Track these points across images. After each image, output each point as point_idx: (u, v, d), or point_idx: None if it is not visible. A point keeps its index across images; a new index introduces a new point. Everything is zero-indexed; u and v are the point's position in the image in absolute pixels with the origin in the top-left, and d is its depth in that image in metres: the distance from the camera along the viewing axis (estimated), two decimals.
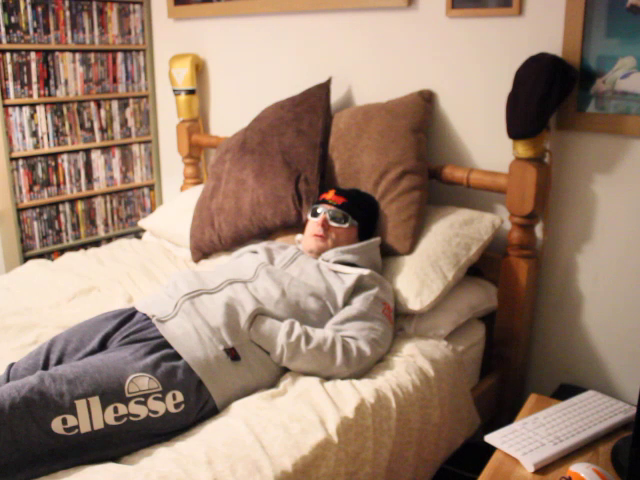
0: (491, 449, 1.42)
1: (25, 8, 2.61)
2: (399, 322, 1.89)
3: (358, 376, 1.60)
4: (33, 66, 2.68)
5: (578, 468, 1.26)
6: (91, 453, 1.26)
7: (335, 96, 2.43)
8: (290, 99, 2.36)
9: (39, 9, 2.65)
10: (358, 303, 1.73)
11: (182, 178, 3.04)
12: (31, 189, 2.77)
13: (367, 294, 1.75)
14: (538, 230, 2.04)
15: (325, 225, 1.92)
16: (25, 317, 1.90)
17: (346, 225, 1.93)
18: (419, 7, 2.17)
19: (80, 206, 2.96)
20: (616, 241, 1.94)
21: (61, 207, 2.89)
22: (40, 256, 2.80)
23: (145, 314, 1.58)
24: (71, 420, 1.24)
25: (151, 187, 3.24)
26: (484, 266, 2.09)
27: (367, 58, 2.34)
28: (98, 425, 1.26)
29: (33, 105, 2.71)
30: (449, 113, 2.19)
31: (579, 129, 1.93)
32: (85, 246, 2.97)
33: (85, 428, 1.25)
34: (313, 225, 1.95)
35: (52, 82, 2.75)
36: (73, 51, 2.80)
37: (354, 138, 2.16)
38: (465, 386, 1.81)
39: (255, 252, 1.99)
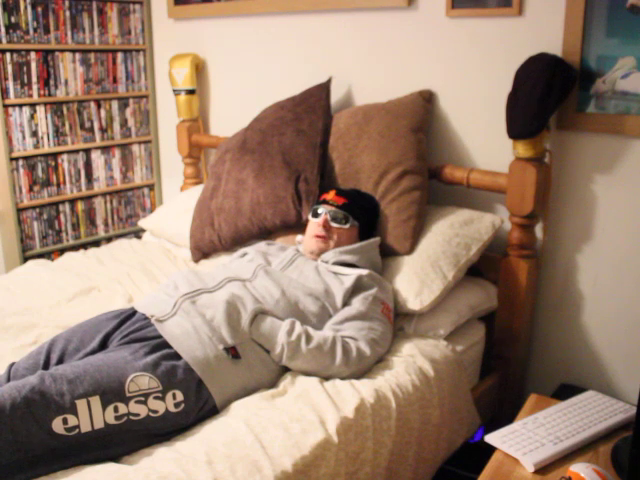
0: (491, 449, 1.42)
1: (25, 8, 2.61)
2: (399, 322, 1.89)
3: (357, 376, 1.60)
4: (33, 66, 2.68)
5: (578, 468, 1.26)
6: (91, 453, 1.26)
7: (335, 96, 2.43)
8: (290, 99, 2.36)
9: (39, 9, 2.65)
10: (357, 303, 1.73)
11: (182, 178, 3.04)
12: (31, 189, 2.77)
13: (366, 294, 1.75)
14: (538, 230, 2.04)
15: (326, 226, 1.92)
16: (25, 317, 1.90)
17: (347, 226, 1.93)
18: (419, 7, 2.17)
19: (80, 206, 2.96)
20: (616, 241, 1.94)
21: (61, 207, 2.89)
22: (40, 256, 2.80)
23: (144, 314, 1.59)
24: (72, 420, 1.24)
25: (151, 187, 3.24)
26: (484, 266, 2.09)
27: (367, 58, 2.35)
28: (98, 425, 1.26)
29: (33, 105, 2.71)
30: (449, 113, 2.19)
31: (579, 129, 1.93)
32: (85, 246, 2.97)
33: (86, 428, 1.25)
34: (314, 226, 1.95)
35: (52, 82, 2.75)
36: (73, 51, 2.80)
37: (354, 138, 2.16)
38: (465, 386, 1.81)
39: (245, 254, 1.98)
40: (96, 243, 3.04)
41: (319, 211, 1.96)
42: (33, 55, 2.67)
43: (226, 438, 1.31)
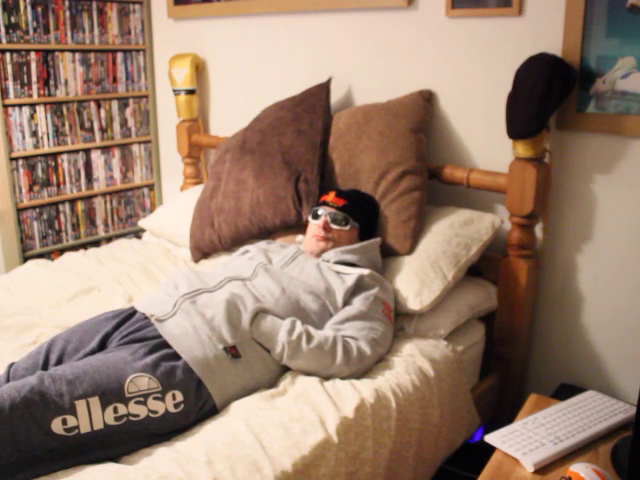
0: (491, 449, 1.42)
1: (25, 8, 2.61)
2: (399, 322, 1.89)
3: (358, 376, 1.60)
4: (33, 66, 2.68)
5: (578, 468, 1.26)
6: (91, 453, 1.26)
7: (335, 96, 2.43)
8: (290, 99, 2.36)
9: (39, 9, 2.65)
10: (358, 303, 1.73)
11: (182, 178, 3.04)
12: (31, 189, 2.77)
13: (367, 294, 1.75)
14: (538, 230, 2.04)
15: (326, 227, 1.92)
16: (25, 317, 1.90)
17: (347, 227, 1.93)
18: (419, 7, 2.17)
19: (80, 206, 2.96)
20: (616, 241, 1.94)
21: (61, 207, 2.89)
22: (40, 256, 2.80)
23: (144, 314, 1.59)
24: (71, 420, 1.24)
25: (151, 187, 3.24)
26: (484, 266, 2.09)
27: (367, 58, 2.34)
28: (98, 425, 1.26)
29: (33, 105, 2.71)
30: (449, 113, 2.19)
31: (579, 129, 1.93)
32: (85, 246, 2.97)
33: (85, 428, 1.25)
34: (314, 227, 1.95)
35: (52, 82, 2.75)
36: (73, 51, 2.80)
37: (354, 138, 2.16)
38: (465, 386, 1.81)
39: (247, 251, 1.98)
40: (96, 243, 3.04)
41: (319, 213, 1.95)
42: (33, 55, 2.67)
43: (226, 438, 1.31)
